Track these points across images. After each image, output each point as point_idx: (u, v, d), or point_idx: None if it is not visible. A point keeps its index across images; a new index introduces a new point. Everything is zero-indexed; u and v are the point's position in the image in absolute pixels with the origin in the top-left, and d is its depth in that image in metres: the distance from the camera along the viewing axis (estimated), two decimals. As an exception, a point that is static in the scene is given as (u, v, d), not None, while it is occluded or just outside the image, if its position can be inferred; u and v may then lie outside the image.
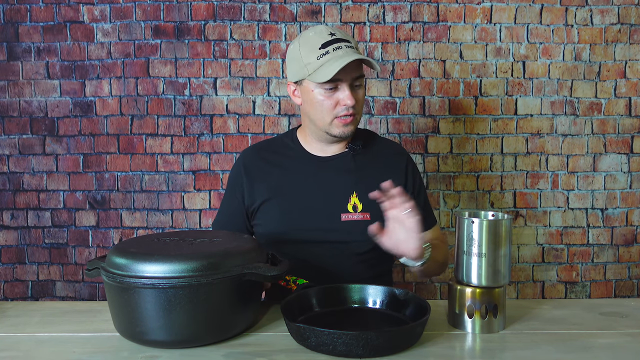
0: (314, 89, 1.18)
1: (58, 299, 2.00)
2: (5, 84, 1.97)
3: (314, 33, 1.19)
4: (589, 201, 2.02)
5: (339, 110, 1.18)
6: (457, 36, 1.98)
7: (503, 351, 0.82)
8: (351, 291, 1.00)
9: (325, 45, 1.15)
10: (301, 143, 1.31)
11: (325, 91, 1.17)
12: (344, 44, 1.16)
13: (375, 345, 0.77)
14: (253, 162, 1.31)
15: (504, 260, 0.92)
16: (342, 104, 1.17)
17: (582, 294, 2.03)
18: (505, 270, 0.93)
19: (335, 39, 1.16)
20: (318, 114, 1.20)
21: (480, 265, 0.92)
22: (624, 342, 0.85)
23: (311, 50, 1.16)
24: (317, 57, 1.15)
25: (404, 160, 1.33)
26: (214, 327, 0.83)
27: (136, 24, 1.96)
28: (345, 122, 1.19)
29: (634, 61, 1.99)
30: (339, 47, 1.15)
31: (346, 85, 1.16)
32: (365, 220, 1.22)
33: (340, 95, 1.17)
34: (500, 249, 0.92)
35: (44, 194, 1.99)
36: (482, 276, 0.92)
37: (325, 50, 1.14)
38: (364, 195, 1.22)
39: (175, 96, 1.98)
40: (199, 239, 0.93)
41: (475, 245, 0.92)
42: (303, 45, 1.18)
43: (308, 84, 1.19)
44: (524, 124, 2.00)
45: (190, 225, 2.00)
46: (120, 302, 0.82)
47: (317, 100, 1.18)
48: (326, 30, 1.19)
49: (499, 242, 0.92)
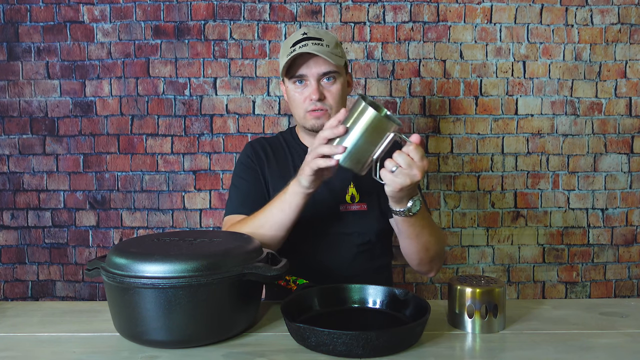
0: (288, 85, 1.27)
1: (58, 299, 2.00)
2: (5, 84, 1.97)
3: (293, 34, 1.27)
4: (590, 201, 2.02)
5: (307, 105, 1.23)
6: (457, 36, 1.97)
7: (503, 351, 0.82)
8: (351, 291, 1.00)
9: (295, 43, 1.21)
10: (300, 138, 1.37)
11: (295, 87, 1.25)
12: (313, 41, 1.20)
13: (375, 345, 0.77)
14: (260, 149, 1.35)
15: (359, 144, 0.92)
16: (309, 98, 1.23)
17: (582, 294, 2.03)
18: (355, 154, 0.93)
19: (306, 37, 1.22)
20: (294, 109, 1.28)
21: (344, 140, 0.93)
22: (624, 342, 0.85)
23: (285, 49, 1.24)
24: (287, 54, 1.22)
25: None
26: (214, 327, 0.83)
27: (136, 24, 1.96)
28: (316, 115, 1.24)
29: (634, 61, 1.99)
30: (305, 45, 1.20)
31: (313, 80, 1.22)
32: (362, 210, 1.27)
33: (306, 92, 1.23)
34: (363, 134, 0.92)
35: (44, 194, 1.99)
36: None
37: (293, 48, 1.21)
38: (361, 186, 1.28)
39: (176, 96, 1.98)
40: (199, 239, 0.93)
41: (349, 121, 0.93)
42: (283, 46, 1.27)
43: (285, 82, 1.28)
44: (524, 124, 2.00)
45: (191, 225, 2.00)
46: (120, 302, 0.82)
47: (291, 95, 1.26)
48: (303, 30, 1.26)
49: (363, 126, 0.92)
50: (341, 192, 1.27)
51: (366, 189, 1.28)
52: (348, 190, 1.28)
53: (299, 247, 1.20)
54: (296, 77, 1.23)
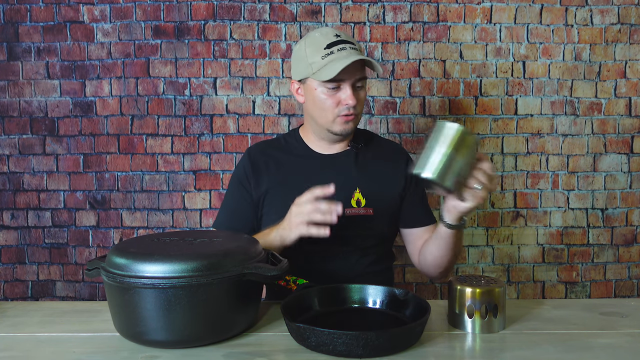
0: (317, 88, 1.21)
1: (58, 299, 2.00)
2: (5, 84, 1.97)
3: (320, 34, 1.22)
4: (589, 201, 2.02)
5: (341, 109, 1.21)
6: (457, 36, 1.98)
7: (503, 351, 0.82)
8: (351, 291, 1.00)
9: (330, 45, 1.18)
10: (305, 141, 1.34)
11: (327, 90, 1.20)
12: (348, 45, 1.19)
13: (375, 345, 0.77)
14: (259, 157, 1.32)
15: (454, 164, 0.93)
16: (344, 103, 1.20)
17: (582, 294, 2.03)
18: (450, 173, 0.93)
19: (340, 40, 1.20)
20: (320, 111, 1.23)
21: (432, 158, 0.95)
22: (624, 342, 0.85)
23: (316, 49, 1.19)
24: (321, 56, 1.18)
25: (404, 158, 1.37)
26: (214, 327, 0.83)
27: (136, 24, 1.96)
28: (347, 119, 1.22)
29: (634, 61, 1.99)
30: (343, 48, 1.18)
31: (348, 85, 1.19)
32: (368, 215, 1.26)
33: (342, 95, 1.20)
34: (456, 154, 0.93)
35: (44, 194, 1.99)
36: (430, 167, 0.94)
37: (330, 50, 1.18)
38: (368, 191, 1.27)
39: (176, 96, 1.98)
40: (199, 239, 0.93)
41: (437, 143, 0.95)
42: (309, 45, 1.21)
43: (312, 83, 1.22)
44: (524, 124, 2.00)
45: (191, 225, 2.00)
46: (120, 302, 0.82)
47: (320, 98, 1.21)
48: (332, 31, 1.22)
49: (458, 148, 0.93)
50: (347, 196, 1.26)
51: (372, 194, 1.28)
52: (354, 194, 1.27)
53: (303, 248, 1.19)
54: (334, 81, 1.18)
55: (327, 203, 1.02)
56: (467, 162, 0.94)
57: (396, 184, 1.31)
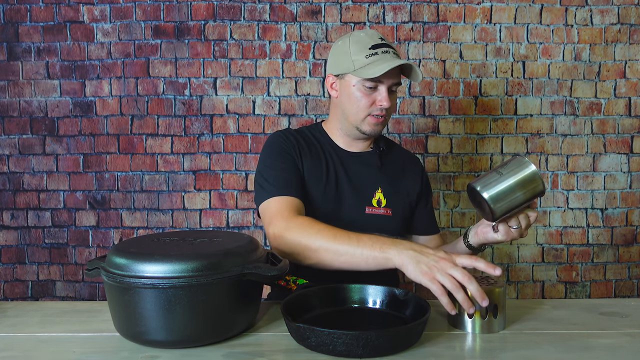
0: (355, 84, 1.23)
1: (58, 299, 2.00)
2: (5, 84, 1.97)
3: (365, 34, 1.26)
4: (589, 201, 2.02)
5: (374, 109, 1.24)
6: (457, 36, 1.98)
7: (503, 351, 0.82)
8: (351, 291, 0.99)
9: (375, 47, 1.22)
10: (330, 136, 1.35)
11: (365, 89, 1.23)
12: (391, 50, 1.24)
13: (375, 345, 0.77)
14: (294, 139, 1.29)
15: (511, 197, 1.00)
16: (379, 104, 1.23)
17: (582, 294, 2.03)
18: (502, 203, 1.00)
19: (385, 43, 1.24)
20: (354, 108, 1.25)
21: (496, 182, 1.00)
22: (624, 342, 0.85)
23: (361, 48, 1.22)
24: (366, 55, 1.21)
25: (420, 168, 1.43)
26: (214, 327, 0.83)
27: (136, 24, 1.96)
28: (377, 121, 1.25)
29: (633, 61, 1.99)
30: (387, 52, 1.22)
31: (385, 87, 1.22)
32: (387, 215, 1.29)
33: (378, 96, 1.23)
34: (517, 189, 0.99)
35: (44, 194, 1.99)
36: (489, 188, 1.00)
37: (374, 51, 1.21)
38: (388, 192, 1.31)
39: (176, 96, 1.98)
40: (199, 239, 0.92)
41: (506, 171, 1.00)
42: (354, 43, 1.24)
43: (350, 79, 1.24)
44: (523, 124, 2.00)
45: (191, 225, 2.00)
46: (120, 302, 0.82)
47: (356, 95, 1.24)
48: (377, 34, 1.26)
49: (523, 185, 0.99)
50: (368, 195, 1.29)
51: (393, 196, 1.31)
52: (375, 194, 1.29)
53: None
54: (374, 81, 1.20)
55: (465, 296, 0.86)
56: (522, 203, 1.00)
57: (412, 190, 1.36)
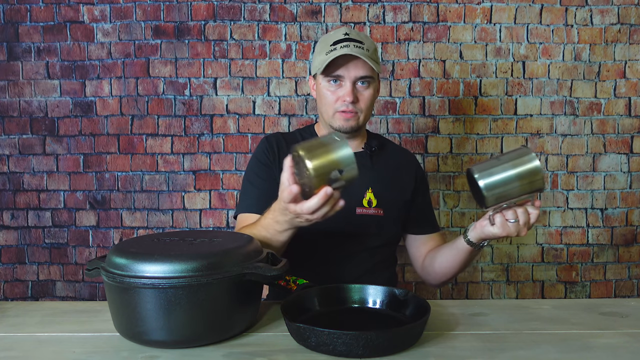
0: (321, 82, 1.26)
1: (58, 299, 2.00)
2: (5, 84, 1.97)
3: (334, 32, 1.27)
4: (589, 201, 2.02)
5: (339, 105, 1.24)
6: (457, 36, 1.98)
7: (503, 351, 0.82)
8: (351, 291, 0.99)
9: (336, 43, 1.22)
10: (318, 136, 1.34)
11: (329, 85, 1.24)
12: (354, 43, 1.21)
13: (375, 345, 0.77)
14: (278, 145, 1.31)
15: (509, 186, 0.97)
16: (342, 99, 1.23)
17: (582, 294, 2.04)
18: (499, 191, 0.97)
19: (348, 38, 1.22)
20: (323, 106, 1.27)
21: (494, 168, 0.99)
22: (624, 342, 0.85)
23: (324, 46, 1.24)
24: (326, 52, 1.22)
25: (414, 165, 1.40)
26: (214, 327, 0.83)
27: (136, 24, 1.96)
28: (346, 116, 1.24)
29: (633, 61, 1.99)
30: (346, 45, 1.20)
31: (349, 82, 1.22)
32: (378, 215, 1.27)
33: (340, 92, 1.23)
34: (516, 180, 0.96)
35: (44, 194, 1.99)
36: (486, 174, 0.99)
37: (334, 47, 1.21)
38: (380, 192, 1.29)
39: (176, 96, 1.98)
40: (199, 239, 0.92)
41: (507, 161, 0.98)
42: (320, 42, 1.28)
43: (318, 78, 1.27)
44: (523, 124, 2.00)
45: (191, 225, 2.00)
46: (120, 302, 0.82)
47: (323, 93, 1.26)
48: (344, 30, 1.26)
49: (521, 176, 0.96)
50: (359, 196, 1.27)
51: (385, 196, 1.29)
52: (366, 194, 1.28)
53: (312, 245, 1.20)
54: (333, 77, 1.23)
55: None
56: (518, 195, 0.97)
57: (406, 189, 1.34)
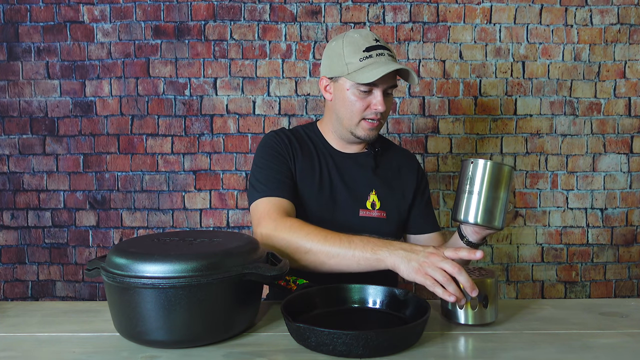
0: (349, 88, 1.21)
1: (58, 299, 2.00)
2: (5, 84, 1.97)
3: (359, 35, 1.22)
4: (589, 201, 2.02)
5: (368, 113, 1.21)
6: (457, 36, 1.98)
7: (503, 351, 0.82)
8: (351, 291, 1.00)
9: (369, 49, 1.18)
10: (325, 137, 1.33)
11: (359, 92, 1.20)
12: (386, 52, 1.20)
13: (375, 345, 0.77)
14: (287, 140, 1.28)
15: (499, 202, 0.99)
16: (373, 108, 1.20)
17: (582, 294, 2.04)
18: (498, 213, 0.99)
19: (379, 45, 1.20)
20: (347, 113, 1.23)
21: (476, 202, 0.98)
22: (624, 342, 0.85)
23: (355, 50, 1.19)
24: (360, 58, 1.18)
25: (416, 166, 1.40)
26: (214, 327, 0.83)
27: (136, 24, 1.96)
28: (372, 125, 1.23)
29: (633, 61, 1.99)
30: (381, 54, 1.18)
31: (380, 91, 1.19)
32: (381, 218, 1.27)
33: (372, 100, 1.20)
34: (497, 191, 0.98)
35: (44, 194, 1.99)
36: (477, 214, 0.98)
37: (369, 53, 1.18)
38: (383, 194, 1.28)
39: (176, 96, 1.98)
40: (199, 239, 0.93)
41: (474, 184, 0.98)
42: (347, 45, 1.20)
43: (344, 82, 1.21)
44: (523, 124, 2.00)
45: (191, 225, 2.00)
46: (120, 302, 0.82)
47: (350, 99, 1.21)
48: (371, 35, 1.22)
49: (496, 184, 0.98)
50: (362, 198, 1.27)
51: (388, 198, 1.29)
52: (369, 197, 1.27)
53: None
54: (369, 85, 1.17)
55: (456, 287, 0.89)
56: (507, 195, 1.00)
57: (407, 190, 1.34)
